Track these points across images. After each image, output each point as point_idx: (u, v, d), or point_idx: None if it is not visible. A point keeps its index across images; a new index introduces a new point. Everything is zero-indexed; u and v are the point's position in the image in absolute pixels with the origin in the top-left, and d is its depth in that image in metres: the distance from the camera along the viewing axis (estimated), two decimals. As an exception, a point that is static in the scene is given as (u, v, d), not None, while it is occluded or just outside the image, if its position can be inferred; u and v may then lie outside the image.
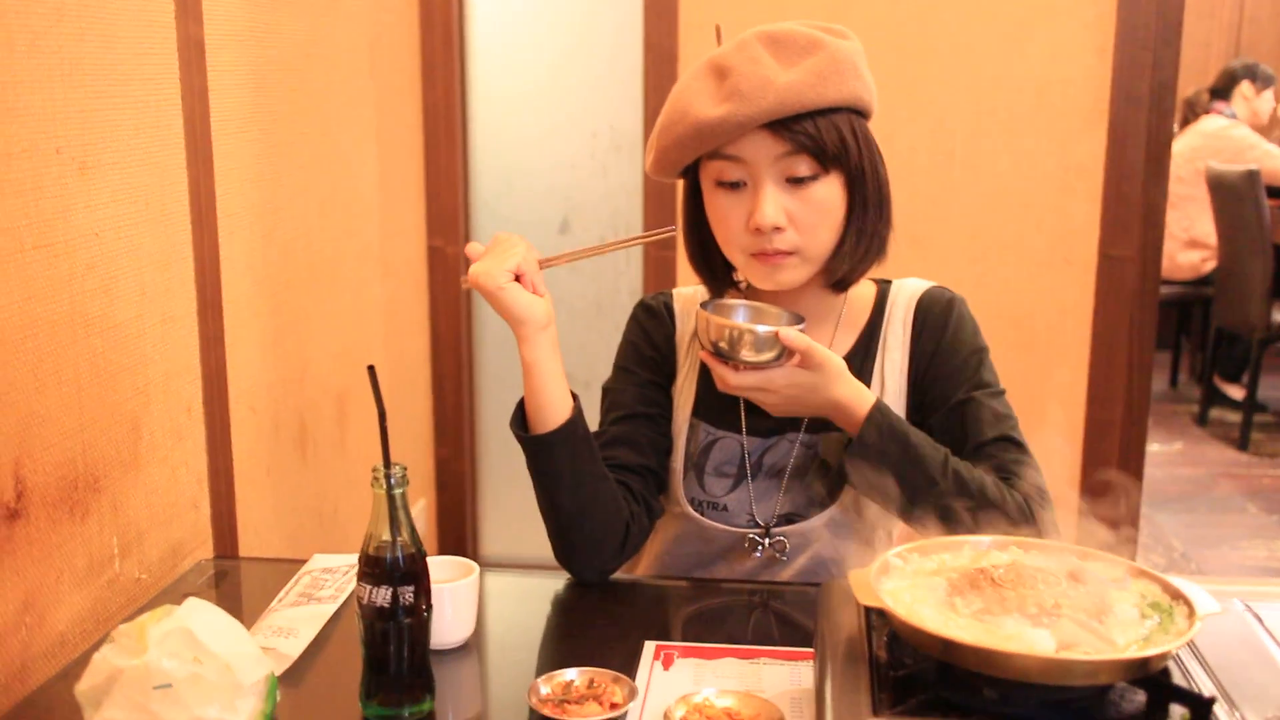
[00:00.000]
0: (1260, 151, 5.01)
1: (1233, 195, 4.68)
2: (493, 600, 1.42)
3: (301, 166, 2.04)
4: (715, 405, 1.50)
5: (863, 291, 1.52)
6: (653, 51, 2.75)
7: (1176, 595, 1.05)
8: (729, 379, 1.34)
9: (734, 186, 1.38)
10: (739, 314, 1.42)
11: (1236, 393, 5.06)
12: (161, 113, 1.55)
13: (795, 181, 1.35)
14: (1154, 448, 4.80)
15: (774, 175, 1.35)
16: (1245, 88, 5.29)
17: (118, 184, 1.44)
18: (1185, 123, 5.33)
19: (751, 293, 1.50)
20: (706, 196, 1.42)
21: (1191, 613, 1.01)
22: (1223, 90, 5.33)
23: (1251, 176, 4.54)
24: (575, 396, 1.39)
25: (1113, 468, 2.72)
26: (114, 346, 1.44)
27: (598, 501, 1.40)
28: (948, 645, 0.98)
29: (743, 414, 1.49)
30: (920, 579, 1.11)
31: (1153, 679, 0.98)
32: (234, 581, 1.58)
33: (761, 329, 1.32)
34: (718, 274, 1.49)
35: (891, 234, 1.45)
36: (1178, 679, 1.01)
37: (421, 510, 2.99)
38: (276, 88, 1.94)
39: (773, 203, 1.35)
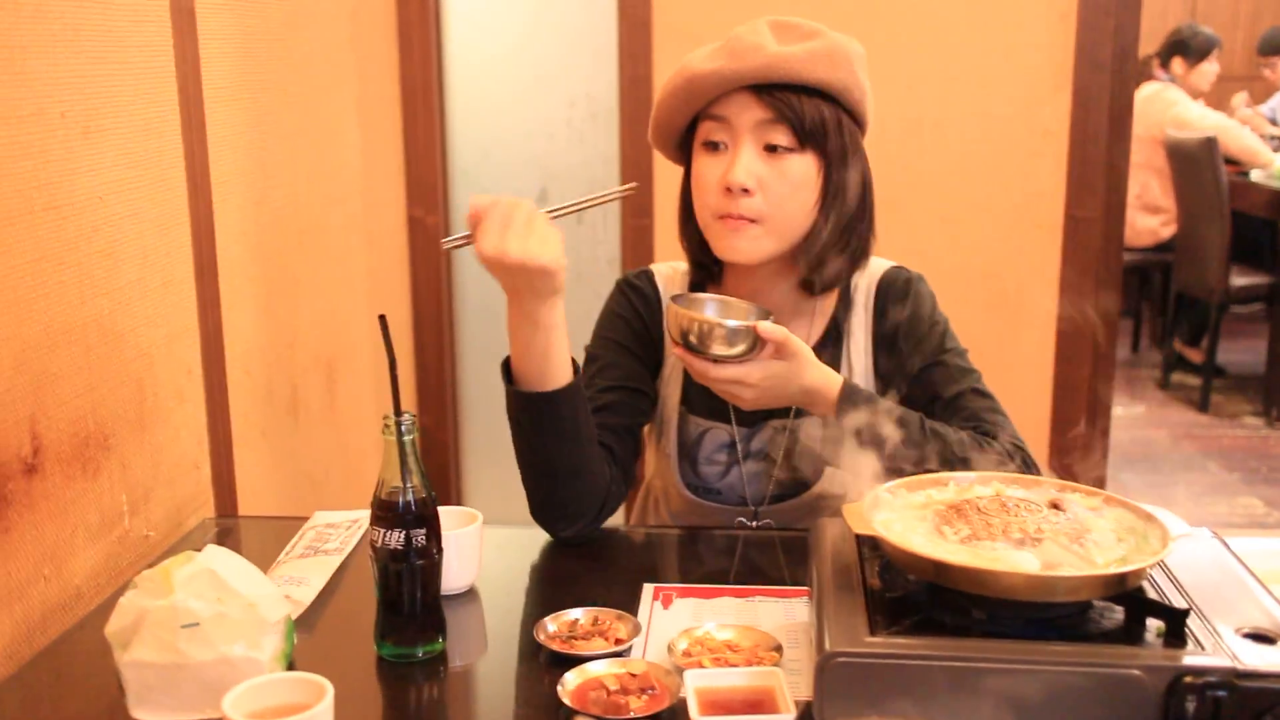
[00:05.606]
0: (1181, 108, 5.07)
1: (1191, 162, 4.77)
2: (491, 552, 1.47)
3: (288, 135, 2.07)
4: (702, 397, 1.54)
5: None
6: (627, 19, 2.79)
7: (1150, 520, 1.11)
8: (710, 372, 1.35)
9: (716, 148, 1.44)
10: (708, 307, 1.44)
11: (1196, 356, 5.17)
12: (157, 79, 1.57)
13: (772, 151, 1.41)
14: (1118, 411, 4.89)
15: (752, 140, 1.42)
16: (1176, 65, 5.34)
17: (118, 149, 1.47)
18: (1130, 87, 5.38)
19: (726, 290, 1.53)
20: (694, 163, 1.48)
21: (1164, 534, 1.08)
22: (1165, 58, 5.39)
23: (1209, 144, 4.63)
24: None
25: (1080, 425, 2.80)
26: (119, 308, 1.47)
27: (590, 461, 1.43)
28: (939, 567, 1.04)
29: (731, 405, 1.51)
30: (909, 511, 1.17)
31: (1130, 596, 1.05)
32: (237, 539, 1.62)
33: (732, 323, 1.33)
34: (703, 254, 1.52)
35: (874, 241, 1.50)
36: (1153, 596, 1.08)
37: (405, 478, 3.02)
38: (263, 55, 1.96)
39: (745, 164, 1.41)
